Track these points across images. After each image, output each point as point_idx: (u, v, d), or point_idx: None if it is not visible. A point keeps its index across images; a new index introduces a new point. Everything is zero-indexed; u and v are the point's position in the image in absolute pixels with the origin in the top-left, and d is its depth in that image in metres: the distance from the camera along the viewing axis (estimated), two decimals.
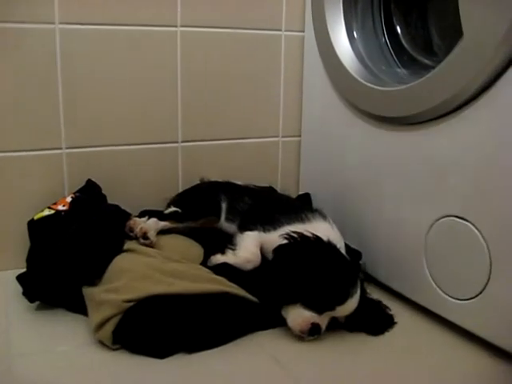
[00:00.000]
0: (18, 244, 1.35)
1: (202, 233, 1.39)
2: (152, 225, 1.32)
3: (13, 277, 1.22)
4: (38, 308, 1.21)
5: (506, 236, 1.03)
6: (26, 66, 1.37)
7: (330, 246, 1.17)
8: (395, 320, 1.20)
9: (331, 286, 1.09)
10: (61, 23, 1.38)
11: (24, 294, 1.19)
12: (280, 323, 1.14)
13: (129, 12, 1.45)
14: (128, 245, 1.26)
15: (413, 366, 1.08)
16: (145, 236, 1.28)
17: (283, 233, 1.19)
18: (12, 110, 1.38)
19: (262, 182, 1.57)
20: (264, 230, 1.27)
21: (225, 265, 1.22)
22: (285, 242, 1.17)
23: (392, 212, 1.31)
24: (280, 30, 1.65)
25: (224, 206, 1.43)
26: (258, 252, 1.23)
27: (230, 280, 1.17)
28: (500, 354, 1.07)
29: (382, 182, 1.33)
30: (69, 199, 1.36)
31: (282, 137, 1.72)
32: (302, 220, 1.28)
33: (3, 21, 1.33)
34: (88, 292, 1.15)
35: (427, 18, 1.44)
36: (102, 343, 1.07)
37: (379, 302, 1.23)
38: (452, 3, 1.06)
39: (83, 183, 1.44)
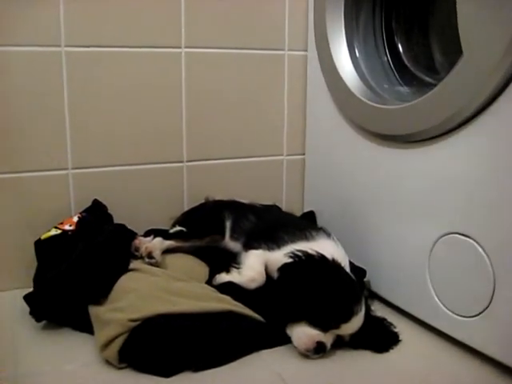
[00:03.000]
0: (26, 263, 1.35)
1: (206, 252, 1.39)
2: (157, 244, 1.33)
3: (20, 296, 1.23)
4: (45, 327, 1.22)
5: (509, 252, 1.03)
6: (33, 88, 1.39)
7: (334, 264, 1.17)
8: (400, 337, 1.20)
9: (336, 304, 1.10)
10: (66, 46, 1.40)
11: (31, 313, 1.20)
12: (285, 341, 1.15)
13: (133, 34, 1.47)
14: (134, 264, 1.27)
15: (418, 382, 1.07)
16: (150, 255, 1.28)
17: (288, 251, 1.20)
18: (18, 131, 1.39)
19: (267, 201, 1.58)
20: (269, 249, 1.27)
21: (230, 284, 1.22)
22: (290, 260, 1.18)
23: (396, 229, 1.31)
24: (283, 50, 1.66)
25: (229, 224, 1.43)
26: (263, 271, 1.23)
27: (235, 299, 1.18)
28: (506, 372, 1.06)
29: (385, 199, 1.33)
30: (75, 219, 1.37)
31: (287, 155, 1.73)
32: (306, 238, 1.28)
33: (9, 44, 1.35)
34: (94, 311, 1.16)
35: (429, 36, 1.45)
36: (108, 362, 1.07)
37: (384, 320, 1.23)
38: (453, 20, 1.07)
39: (89, 203, 1.45)
